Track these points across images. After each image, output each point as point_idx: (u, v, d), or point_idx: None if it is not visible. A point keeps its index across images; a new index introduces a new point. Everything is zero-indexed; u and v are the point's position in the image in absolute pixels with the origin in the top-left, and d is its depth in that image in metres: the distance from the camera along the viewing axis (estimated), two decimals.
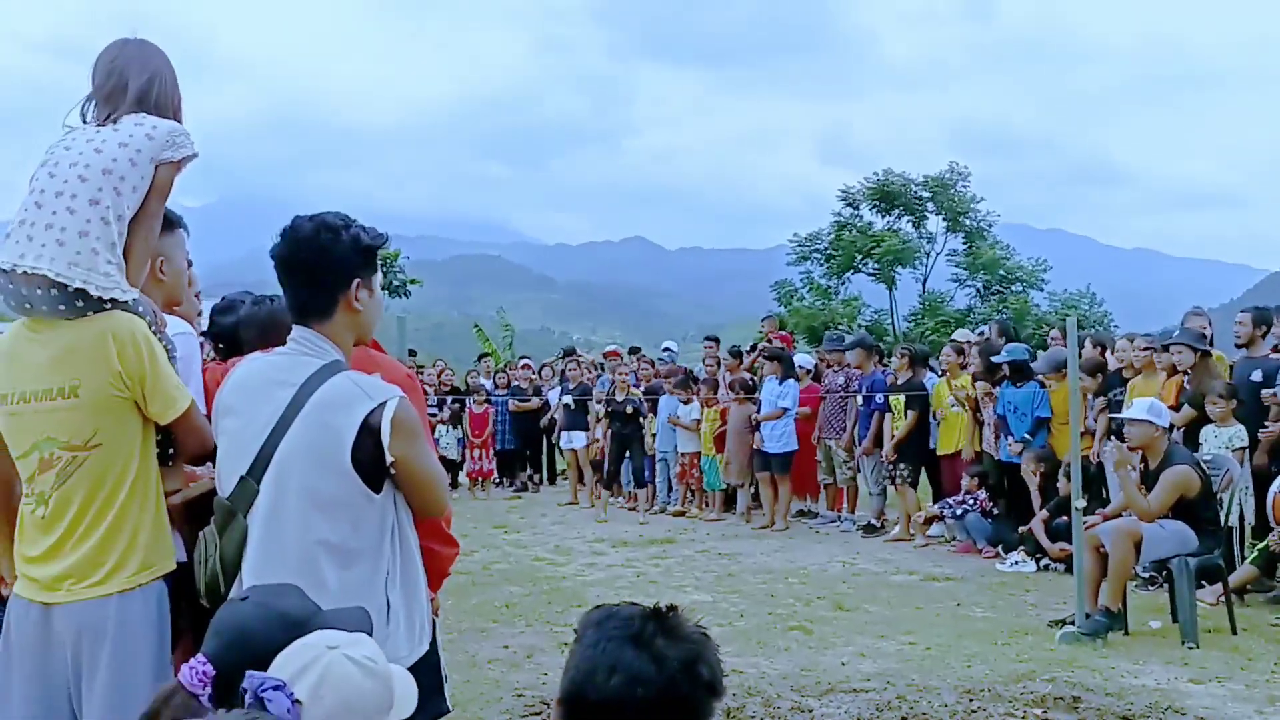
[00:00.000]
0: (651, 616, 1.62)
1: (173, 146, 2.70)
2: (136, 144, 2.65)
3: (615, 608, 1.66)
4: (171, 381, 2.64)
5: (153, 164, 2.67)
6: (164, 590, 2.64)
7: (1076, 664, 5.63)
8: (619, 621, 1.61)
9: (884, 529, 10.47)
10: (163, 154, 2.68)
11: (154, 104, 2.75)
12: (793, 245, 26.18)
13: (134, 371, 2.56)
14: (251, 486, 2.45)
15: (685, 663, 1.59)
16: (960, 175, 25.05)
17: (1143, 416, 6.56)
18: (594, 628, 1.63)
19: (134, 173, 2.63)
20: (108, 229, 2.58)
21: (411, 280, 27.97)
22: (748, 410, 11.31)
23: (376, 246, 2.58)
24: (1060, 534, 8.22)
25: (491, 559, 9.35)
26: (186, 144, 2.74)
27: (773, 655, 5.95)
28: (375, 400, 2.41)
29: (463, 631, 6.47)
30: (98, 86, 2.75)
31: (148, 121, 2.70)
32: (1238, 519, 7.30)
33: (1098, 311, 24.09)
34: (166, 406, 2.62)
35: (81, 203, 2.57)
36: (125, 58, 2.76)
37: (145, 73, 2.75)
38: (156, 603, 2.61)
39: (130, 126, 2.68)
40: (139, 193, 2.66)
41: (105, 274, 2.56)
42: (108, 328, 2.56)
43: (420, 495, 2.54)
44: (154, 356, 2.60)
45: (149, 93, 2.74)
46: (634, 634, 1.59)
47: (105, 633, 2.52)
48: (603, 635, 1.60)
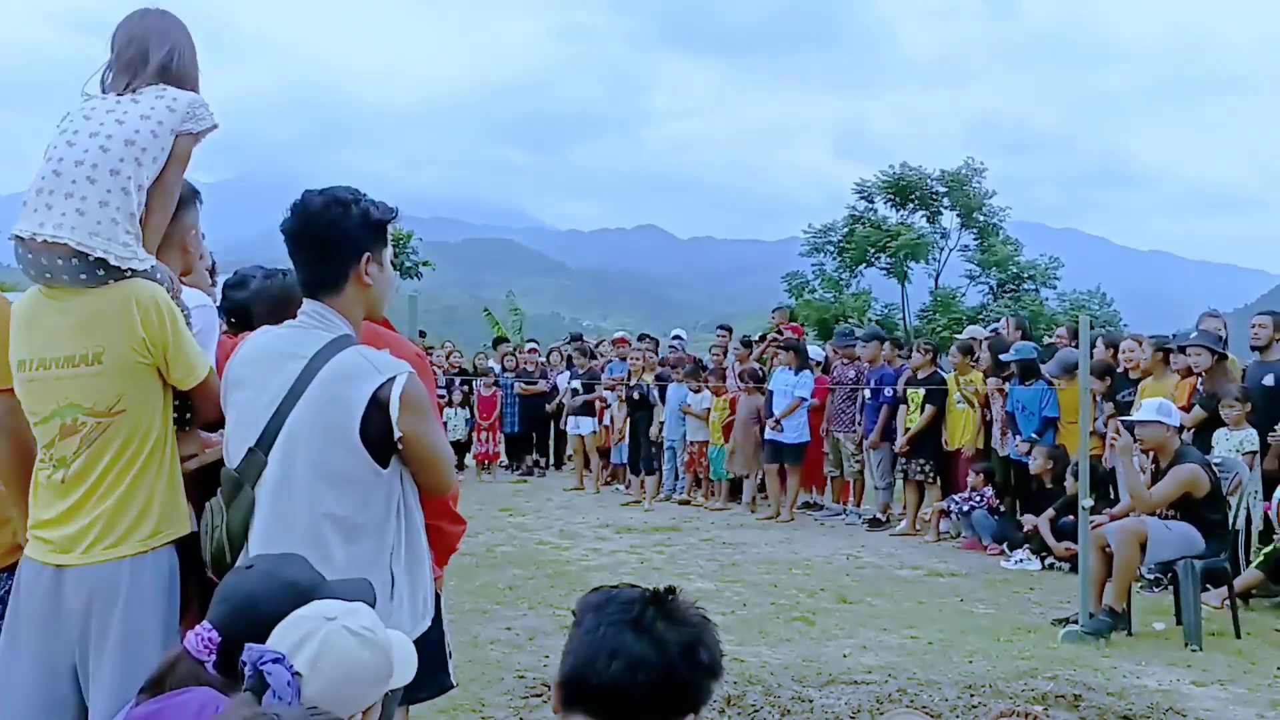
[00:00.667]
0: (651, 601, 1.62)
1: (193, 118, 2.72)
2: (158, 115, 2.67)
3: (614, 590, 1.66)
4: (192, 348, 2.66)
5: (173, 135, 2.69)
6: (175, 555, 2.66)
7: (1079, 663, 5.63)
8: (618, 605, 1.61)
9: (889, 523, 10.46)
10: (183, 125, 2.70)
11: (175, 75, 2.76)
12: (806, 237, 26.12)
13: (157, 338, 2.58)
14: (260, 458, 2.46)
15: (685, 647, 1.59)
16: (976, 171, 24.95)
17: (1153, 417, 6.54)
18: (593, 611, 1.63)
19: (155, 144, 2.65)
20: (128, 199, 2.60)
21: (424, 262, 28.00)
22: (756, 401, 11.31)
23: (386, 221, 2.58)
24: (1066, 533, 8.20)
25: (496, 541, 9.37)
26: (207, 116, 2.76)
27: (775, 645, 5.96)
28: (384, 375, 2.42)
29: (465, 612, 6.49)
30: (117, 55, 2.76)
31: (169, 93, 2.71)
32: (1244, 523, 7.27)
33: (1108, 312, 24.01)
34: (188, 373, 2.64)
35: (102, 173, 2.58)
36: (146, 28, 2.78)
37: (166, 44, 2.76)
38: (168, 568, 2.63)
39: (151, 98, 2.69)
40: (158, 163, 2.68)
41: (124, 244, 2.58)
42: (131, 294, 2.58)
43: (427, 472, 2.54)
44: (176, 323, 2.62)
45: (170, 65, 2.75)
46: (634, 618, 1.58)
47: (117, 595, 2.54)
48: (603, 619, 1.60)
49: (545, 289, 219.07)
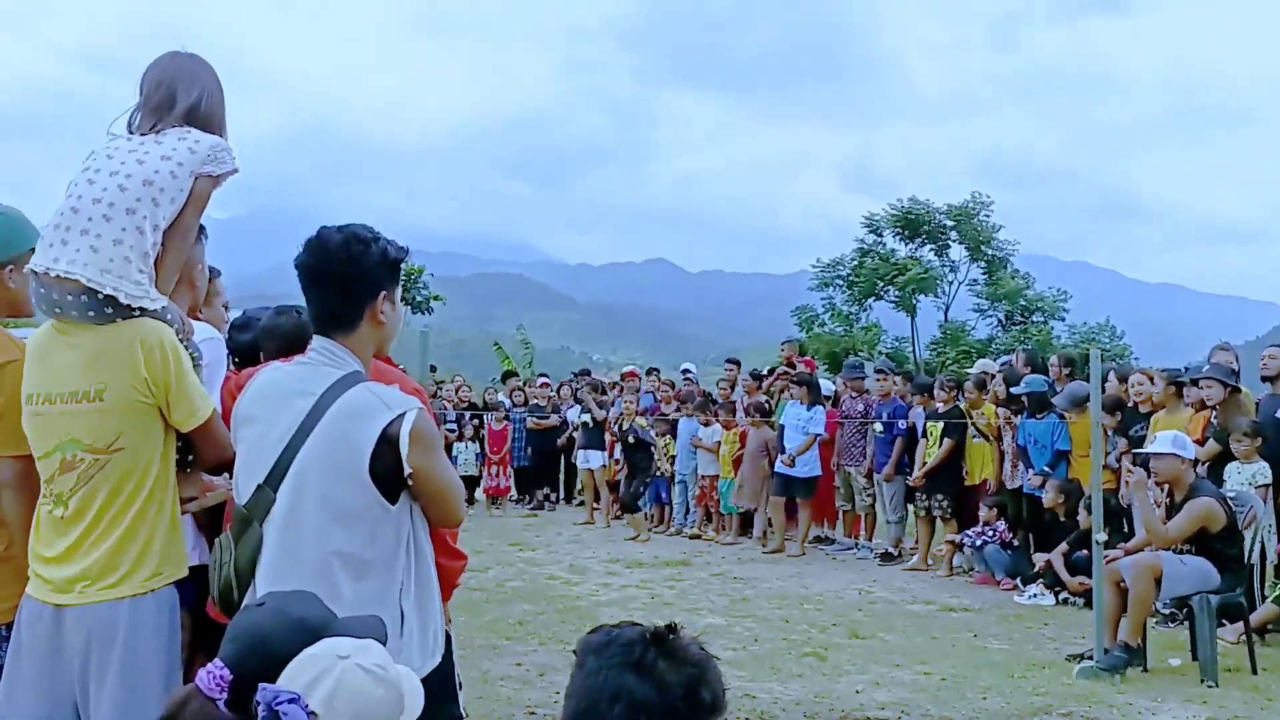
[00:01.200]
0: (652, 641, 1.60)
1: (214, 161, 2.74)
2: (179, 157, 2.69)
3: (615, 631, 1.65)
4: (196, 390, 2.67)
5: (193, 176, 2.71)
6: (175, 596, 2.65)
7: (1094, 699, 5.57)
8: (619, 647, 1.59)
9: (901, 557, 10.40)
10: (204, 168, 2.72)
11: (202, 119, 2.79)
12: (815, 271, 26.16)
13: (159, 378, 2.59)
14: (268, 495, 2.45)
15: (687, 687, 1.58)
16: (983, 204, 25.00)
17: (1168, 450, 6.51)
18: (594, 653, 1.62)
19: (173, 185, 2.67)
20: (142, 238, 2.61)
21: (435, 296, 28.07)
22: (764, 434, 11.28)
23: (401, 259, 2.59)
24: (1080, 567, 8.14)
25: (506, 576, 9.34)
26: (228, 159, 2.77)
27: (786, 681, 5.91)
28: (394, 411, 2.41)
29: (476, 648, 6.46)
30: (146, 97, 2.79)
31: (191, 135, 2.74)
32: (1259, 557, 7.21)
33: (1118, 345, 23.97)
34: (189, 415, 2.65)
35: (119, 211, 2.60)
36: (175, 71, 2.81)
37: (194, 88, 2.79)
38: (168, 608, 2.63)
39: (174, 139, 2.72)
40: (176, 204, 2.69)
41: (136, 282, 2.59)
42: (136, 334, 2.59)
43: (437, 506, 2.54)
44: (180, 364, 2.62)
45: (198, 108, 2.78)
46: (635, 660, 1.57)
47: (116, 636, 2.53)
48: (604, 661, 1.59)
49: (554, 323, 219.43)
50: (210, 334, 2.98)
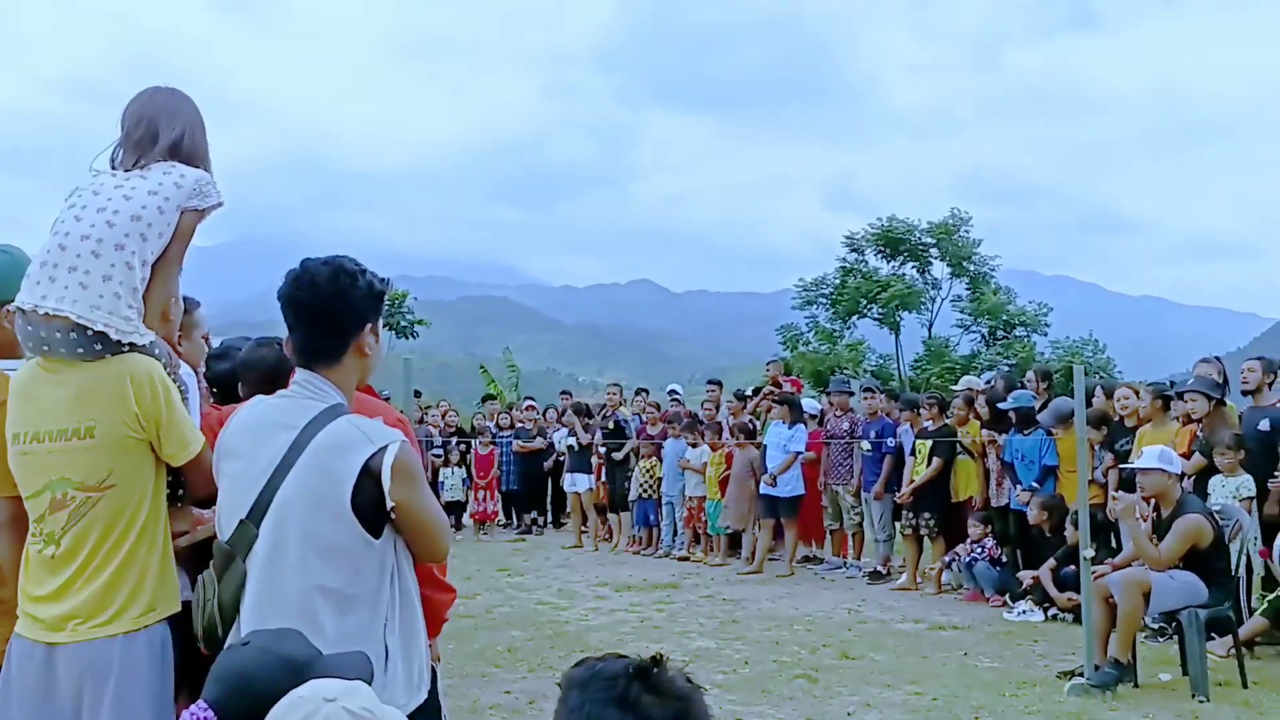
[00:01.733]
0: (636, 676, 1.59)
1: (200, 195, 2.74)
2: (166, 191, 2.69)
3: (599, 664, 1.63)
4: (186, 424, 2.66)
5: (179, 210, 2.70)
6: (168, 633, 2.63)
7: (1085, 716, 5.56)
8: (603, 682, 1.58)
9: (889, 576, 10.38)
10: (189, 202, 2.72)
11: (185, 154, 2.79)
12: (799, 290, 26.24)
13: (150, 413, 2.58)
14: (251, 530, 2.43)
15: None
16: (962, 221, 25.14)
17: (1154, 465, 6.53)
18: (578, 689, 1.60)
19: (160, 219, 2.67)
20: (131, 274, 2.61)
21: (419, 321, 28.05)
22: (749, 455, 11.28)
23: (385, 291, 2.59)
24: (1068, 583, 8.15)
25: (494, 602, 9.29)
26: (213, 193, 2.78)
27: (778, 704, 5.88)
28: (376, 444, 2.40)
29: (465, 676, 6.42)
30: (127, 133, 2.79)
31: (176, 170, 2.74)
32: (1245, 570, 7.22)
33: (1101, 359, 24.07)
34: (181, 449, 2.63)
35: (107, 247, 2.60)
36: (155, 107, 2.81)
37: (176, 123, 2.79)
38: (160, 645, 2.60)
39: (159, 174, 2.72)
40: (164, 239, 2.69)
41: (126, 318, 2.58)
42: (125, 369, 2.58)
43: (421, 541, 2.51)
44: (170, 399, 2.61)
45: (180, 143, 2.78)
46: (619, 696, 1.56)
47: (109, 674, 2.51)
48: (587, 697, 1.58)
49: (540, 345, 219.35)
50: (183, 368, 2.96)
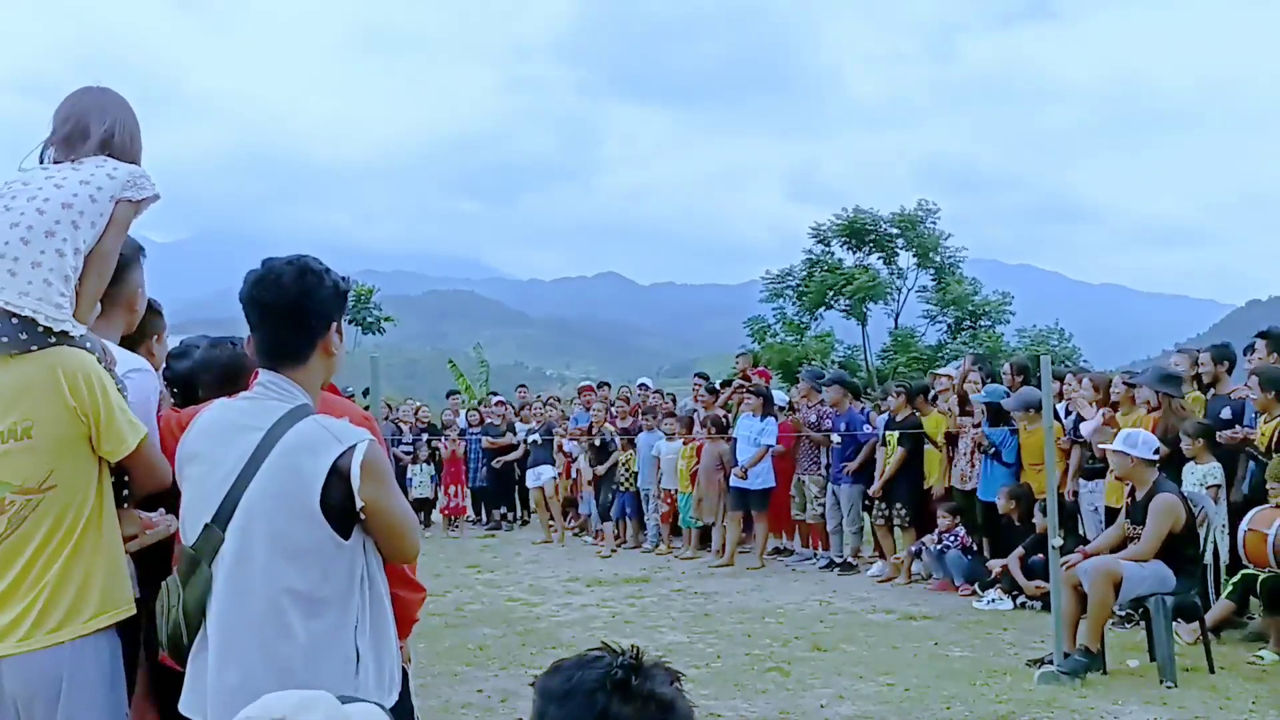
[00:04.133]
0: (615, 688, 1.55)
1: (134, 187, 2.70)
2: (98, 181, 2.64)
3: (577, 674, 1.59)
4: (123, 418, 2.59)
5: (113, 201, 2.66)
6: (117, 640, 2.57)
7: (1055, 704, 5.60)
8: (582, 697, 1.55)
9: (860, 566, 10.41)
10: (124, 192, 2.68)
11: (115, 149, 2.75)
12: (765, 282, 26.28)
13: (87, 407, 2.52)
14: (217, 534, 2.38)
15: None
16: (929, 212, 25.27)
17: (1119, 447, 6.59)
18: (556, 703, 1.57)
19: (93, 208, 2.61)
20: (62, 261, 2.55)
21: (386, 317, 27.87)
22: (719, 448, 11.28)
23: (349, 290, 2.56)
24: (1036, 571, 8.20)
25: (464, 600, 9.24)
26: (148, 186, 2.73)
27: (751, 697, 5.88)
28: (344, 444, 2.36)
29: (435, 675, 6.37)
30: (55, 130, 2.75)
31: (109, 163, 2.70)
32: (1213, 556, 7.30)
33: (1067, 347, 24.28)
34: (118, 444, 2.57)
35: (37, 234, 2.55)
36: (85, 105, 2.78)
37: (105, 119, 2.76)
38: (110, 651, 2.55)
39: (92, 166, 2.68)
40: (97, 229, 2.63)
41: (57, 305, 2.52)
42: (55, 363, 2.52)
43: (391, 541, 2.47)
44: (105, 392, 2.55)
45: (110, 139, 2.75)
46: (599, 713, 1.53)
47: (58, 684, 2.45)
48: (565, 714, 1.55)
49: (507, 339, 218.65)
50: (138, 365, 2.90)
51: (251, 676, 2.29)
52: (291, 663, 2.30)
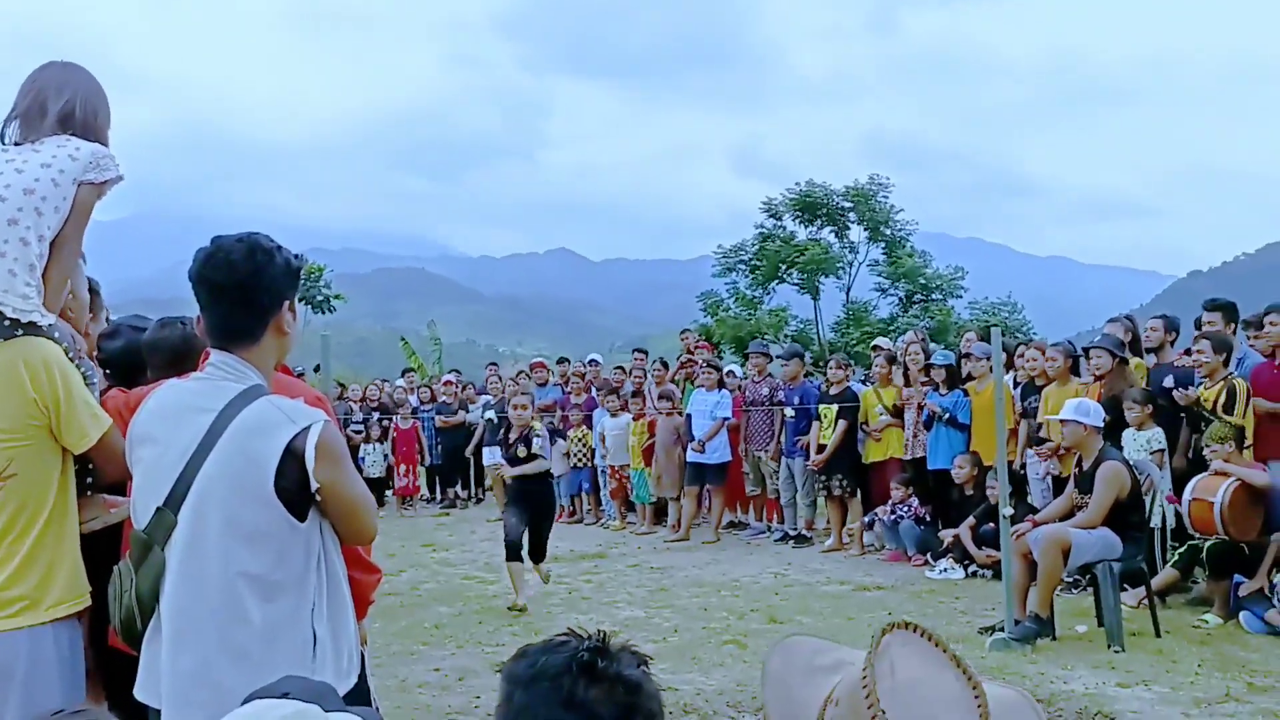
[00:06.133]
0: (581, 672, 1.55)
1: (97, 168, 2.64)
2: (60, 164, 2.59)
3: (542, 658, 1.59)
4: (87, 410, 2.55)
5: (75, 184, 2.61)
6: (77, 628, 2.54)
7: (1007, 671, 5.69)
8: (548, 682, 1.55)
9: (814, 539, 10.51)
10: (86, 175, 2.63)
11: (78, 126, 2.69)
12: (718, 257, 26.30)
13: (48, 398, 2.48)
14: (169, 517, 2.34)
15: (622, 716, 1.54)
16: (881, 186, 25.39)
17: (1070, 416, 6.69)
18: (522, 688, 1.57)
19: (56, 193, 2.56)
20: (26, 249, 2.50)
21: (336, 295, 27.57)
22: (674, 422, 11.31)
23: (301, 268, 2.52)
24: (987, 540, 8.32)
25: (420, 579, 9.20)
26: (111, 166, 2.68)
27: (708, 670, 5.92)
28: (299, 425, 2.33)
29: (392, 655, 6.34)
30: (14, 106, 2.70)
31: (71, 143, 2.64)
32: (1159, 522, 7.45)
33: (1018, 319, 24.55)
34: (80, 436, 2.54)
35: (0, 223, 2.47)
36: (45, 80, 2.73)
37: (64, 95, 2.70)
38: (69, 641, 2.52)
39: (53, 147, 2.62)
40: (60, 214, 2.59)
41: (23, 295, 2.48)
42: (18, 354, 2.47)
43: (347, 522, 2.45)
44: (68, 383, 2.51)
45: (71, 115, 2.69)
46: (565, 697, 1.53)
47: (15, 672, 2.42)
48: (532, 698, 1.54)
49: (459, 316, 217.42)
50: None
51: (207, 661, 2.27)
52: (248, 646, 2.28)
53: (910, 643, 1.42)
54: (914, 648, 1.42)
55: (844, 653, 1.55)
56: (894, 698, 1.34)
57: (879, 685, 1.36)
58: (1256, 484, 6.72)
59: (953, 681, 1.37)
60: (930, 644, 1.42)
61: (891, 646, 1.41)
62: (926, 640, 1.42)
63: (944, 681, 1.38)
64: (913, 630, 1.43)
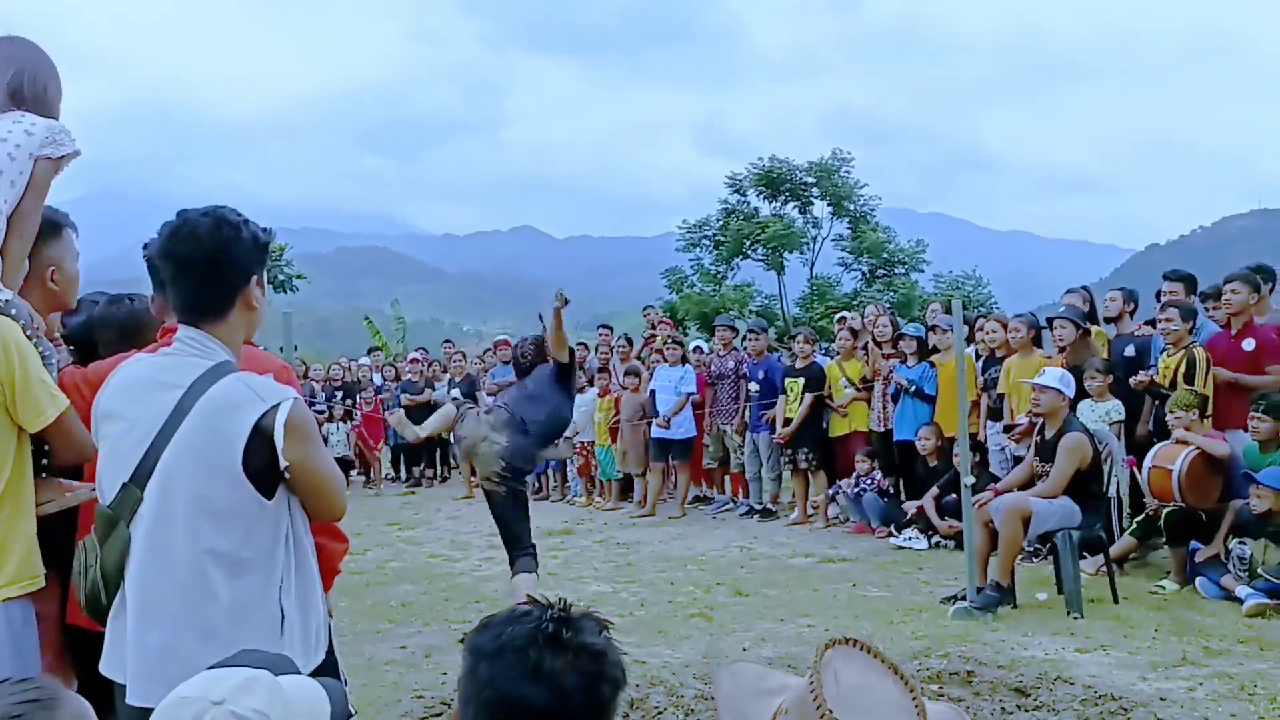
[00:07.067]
0: (547, 643, 1.57)
1: (53, 143, 2.61)
2: (15, 139, 2.56)
3: (507, 630, 1.60)
4: (43, 390, 2.52)
5: (31, 159, 2.58)
6: (30, 606, 2.52)
7: (969, 638, 5.77)
8: (513, 654, 1.56)
9: (778, 513, 10.59)
10: (42, 150, 2.60)
11: (27, 100, 2.66)
12: (682, 233, 26.29)
13: (3, 377, 2.46)
14: (135, 494, 2.33)
15: (586, 689, 1.57)
16: (844, 161, 25.44)
17: (1054, 384, 6.77)
18: (487, 660, 1.58)
19: (12, 167, 2.53)
20: None
21: (298, 275, 27.31)
22: (639, 398, 11.34)
23: (269, 242, 2.50)
24: (949, 510, 8.42)
25: (386, 557, 9.18)
26: (68, 141, 2.65)
27: (675, 644, 5.96)
28: (268, 403, 2.32)
29: (358, 633, 6.34)
30: None
31: (27, 119, 2.62)
32: (1116, 491, 7.57)
33: (982, 293, 24.73)
34: (36, 415, 2.51)
35: None
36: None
37: (12, 68, 2.66)
38: (21, 618, 2.50)
39: (8, 123, 2.60)
40: (16, 188, 2.55)
41: None
42: None
43: (317, 499, 2.45)
44: (24, 362, 2.47)
45: (20, 90, 2.66)
46: (530, 669, 1.54)
47: None
48: (497, 671, 1.56)
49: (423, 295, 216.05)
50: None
51: (174, 637, 2.27)
52: (215, 623, 2.27)
53: (852, 655, 1.56)
54: (855, 660, 1.55)
55: (787, 678, 1.70)
56: (840, 702, 1.47)
57: (825, 692, 1.48)
58: (1215, 453, 6.84)
59: (893, 688, 1.51)
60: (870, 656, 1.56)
61: (835, 659, 1.54)
62: (866, 653, 1.56)
63: (885, 687, 1.51)
64: (853, 645, 1.56)
